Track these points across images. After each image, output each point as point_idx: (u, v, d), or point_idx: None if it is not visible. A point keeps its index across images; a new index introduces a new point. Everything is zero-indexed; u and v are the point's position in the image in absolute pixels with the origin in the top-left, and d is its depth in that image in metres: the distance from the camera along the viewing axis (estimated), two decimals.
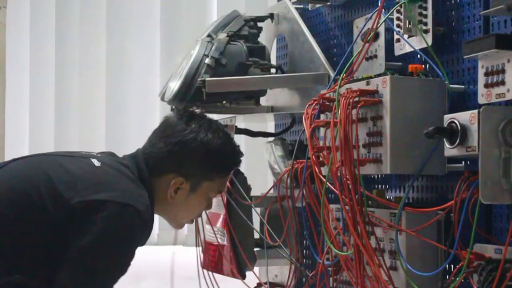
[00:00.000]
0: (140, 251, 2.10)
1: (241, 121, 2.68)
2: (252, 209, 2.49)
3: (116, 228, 1.94)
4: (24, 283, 1.96)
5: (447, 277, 1.84)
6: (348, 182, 1.83)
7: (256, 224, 2.54)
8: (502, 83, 1.59)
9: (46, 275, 1.99)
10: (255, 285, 2.63)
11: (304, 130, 1.99)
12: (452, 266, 1.85)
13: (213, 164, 2.15)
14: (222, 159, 2.17)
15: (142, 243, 2.05)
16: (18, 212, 1.98)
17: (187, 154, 2.13)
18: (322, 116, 2.02)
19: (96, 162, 2.06)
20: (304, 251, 2.60)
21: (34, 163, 2.10)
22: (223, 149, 2.16)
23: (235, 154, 2.23)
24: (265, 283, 2.61)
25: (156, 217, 2.19)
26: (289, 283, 2.44)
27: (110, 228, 1.94)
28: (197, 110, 2.29)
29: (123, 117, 4.55)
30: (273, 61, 2.68)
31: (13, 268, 1.95)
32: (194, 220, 2.31)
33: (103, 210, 1.94)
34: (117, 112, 4.58)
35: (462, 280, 1.69)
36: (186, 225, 2.32)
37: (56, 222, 1.96)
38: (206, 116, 2.22)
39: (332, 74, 2.28)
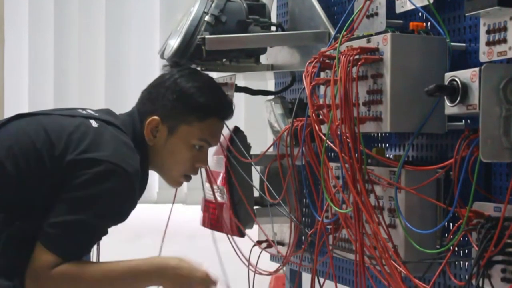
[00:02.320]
0: (139, 208, 2.11)
1: (241, 79, 2.67)
2: (252, 167, 2.50)
3: (103, 182, 1.98)
4: (28, 236, 1.99)
5: (446, 235, 1.85)
6: (348, 140, 1.83)
7: (255, 183, 2.55)
8: (504, 41, 1.58)
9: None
10: (255, 243, 2.65)
11: (304, 88, 1.98)
12: (451, 224, 1.86)
13: (186, 104, 2.16)
14: (194, 99, 2.16)
15: (131, 205, 2.07)
16: (20, 168, 2.01)
17: (162, 93, 2.17)
18: (322, 74, 2.02)
19: (93, 123, 2.08)
20: (304, 209, 2.61)
21: (36, 121, 2.12)
22: (197, 90, 2.17)
23: (214, 99, 2.20)
24: (265, 241, 2.62)
25: (156, 175, 2.20)
26: (288, 241, 2.45)
27: (97, 181, 1.98)
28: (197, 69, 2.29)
29: (122, 76, 4.54)
30: (274, 19, 2.66)
31: (18, 222, 2.00)
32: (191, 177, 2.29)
33: (93, 167, 1.98)
34: (116, 70, 4.57)
35: (461, 238, 1.70)
36: (185, 183, 2.31)
37: (53, 177, 2.01)
38: (196, 68, 2.24)
39: (332, 32, 2.27)
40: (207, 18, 2.37)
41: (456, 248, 1.76)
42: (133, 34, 4.57)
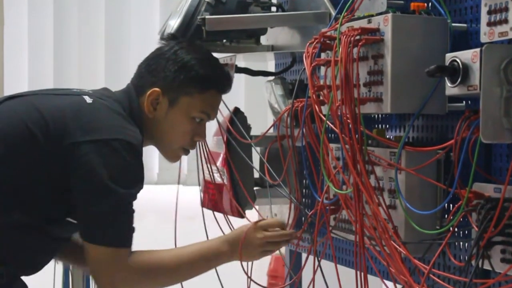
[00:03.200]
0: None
1: (241, 60, 2.67)
2: (252, 148, 2.49)
3: (115, 159, 1.97)
4: (23, 221, 1.98)
5: (446, 216, 1.85)
6: (348, 121, 1.82)
7: (255, 164, 2.55)
8: (505, 21, 1.57)
9: (44, 214, 2.00)
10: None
11: (304, 69, 1.98)
12: (451, 205, 1.86)
13: (187, 75, 2.14)
14: (196, 70, 2.15)
15: (143, 174, 2.05)
16: (12, 150, 1.98)
17: (162, 65, 2.16)
18: (323, 55, 2.01)
19: (88, 99, 2.06)
20: (304, 191, 2.61)
21: (27, 101, 2.09)
22: (198, 62, 2.16)
23: (214, 70, 2.21)
24: None
25: (156, 157, 2.19)
26: (288, 222, 2.46)
27: (109, 160, 1.96)
28: None
29: (122, 56, 4.54)
30: None
31: (12, 206, 1.97)
32: (189, 151, 2.29)
33: (99, 147, 1.96)
34: (116, 51, 4.56)
35: (461, 219, 1.70)
36: (185, 165, 2.31)
37: (50, 162, 1.98)
38: (193, 40, 2.23)
39: (333, 13, 2.26)
40: None
41: (456, 229, 1.76)
42: (133, 15, 4.56)
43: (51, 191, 2.00)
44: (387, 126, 2.20)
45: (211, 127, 2.36)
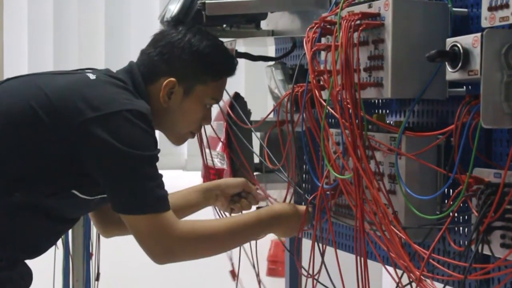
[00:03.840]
0: None
1: (241, 45, 2.66)
2: (252, 133, 2.49)
3: (129, 131, 1.94)
4: (24, 202, 1.97)
5: (446, 201, 1.85)
6: (349, 106, 1.82)
7: (256, 149, 2.55)
8: (506, 6, 1.56)
9: (48, 188, 1.99)
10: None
11: (304, 54, 1.97)
12: (451, 190, 1.86)
13: (203, 64, 2.15)
14: (212, 59, 2.16)
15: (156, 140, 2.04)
16: (15, 129, 1.97)
17: (176, 55, 2.14)
18: (323, 40, 2.01)
19: (91, 76, 2.05)
20: (304, 176, 2.61)
21: (29, 81, 2.09)
22: (212, 50, 2.17)
23: (226, 57, 2.22)
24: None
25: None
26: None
27: (124, 133, 1.94)
28: None
29: (122, 41, 4.53)
30: None
31: (14, 187, 1.96)
32: (196, 135, 2.30)
33: (112, 121, 1.93)
34: (116, 36, 4.55)
35: (461, 204, 1.70)
36: (186, 150, 2.32)
37: (56, 139, 1.95)
38: (200, 27, 2.23)
39: None
40: None
41: (456, 214, 1.76)
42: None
43: (54, 166, 1.97)
44: (388, 111, 2.19)
45: (212, 112, 2.36)
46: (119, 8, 4.56)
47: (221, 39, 2.50)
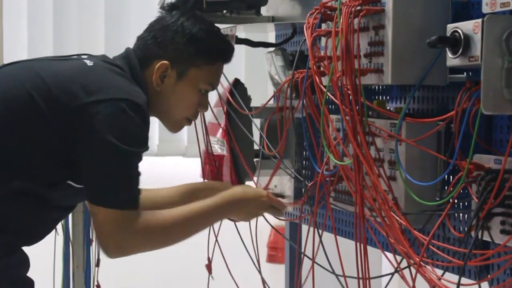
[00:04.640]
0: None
1: (241, 31, 2.66)
2: (252, 119, 2.49)
3: (120, 120, 1.95)
4: (22, 188, 1.97)
5: (446, 187, 1.85)
6: (349, 92, 1.82)
7: (256, 135, 2.54)
8: None
9: (46, 179, 2.00)
10: None
11: (305, 40, 1.97)
12: (451, 176, 1.86)
13: (197, 47, 2.14)
14: (205, 42, 2.15)
15: (147, 134, 2.04)
16: (12, 114, 1.97)
17: (169, 38, 2.14)
18: (324, 26, 2.00)
19: (88, 62, 2.05)
20: (304, 162, 2.61)
21: (25, 66, 2.08)
22: (206, 33, 2.16)
23: (220, 42, 2.22)
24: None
25: (156, 128, 2.19)
26: (288, 193, 2.46)
27: (115, 121, 1.94)
28: None
29: (122, 25, 4.52)
30: None
31: (12, 175, 1.96)
32: (193, 123, 2.29)
33: (105, 108, 1.94)
34: (116, 22, 4.55)
35: (461, 190, 1.70)
36: (186, 136, 2.31)
37: (53, 126, 1.96)
38: (195, 11, 2.23)
39: None
40: None
41: (456, 200, 1.76)
42: None
43: (52, 155, 1.98)
44: (388, 97, 2.19)
45: (211, 98, 2.36)
46: None
47: (221, 25, 2.50)
